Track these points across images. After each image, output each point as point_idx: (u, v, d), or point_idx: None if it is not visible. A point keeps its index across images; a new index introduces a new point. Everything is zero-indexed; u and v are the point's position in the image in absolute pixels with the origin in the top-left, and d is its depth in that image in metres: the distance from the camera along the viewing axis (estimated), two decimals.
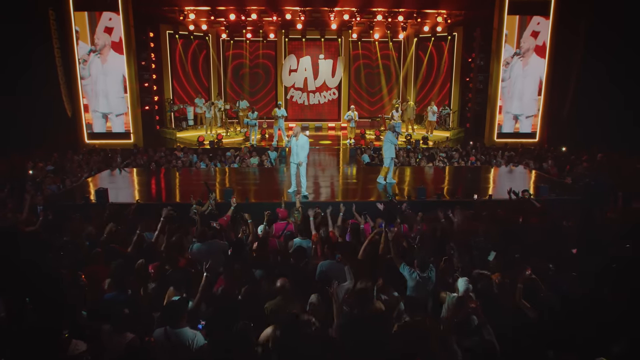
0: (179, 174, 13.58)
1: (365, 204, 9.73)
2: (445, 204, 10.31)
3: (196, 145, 18.02)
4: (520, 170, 14.09)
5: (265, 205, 10.22)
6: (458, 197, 10.69)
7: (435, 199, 10.62)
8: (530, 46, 17.69)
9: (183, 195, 11.27)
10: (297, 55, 21.94)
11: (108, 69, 17.04)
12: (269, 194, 11.40)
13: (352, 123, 18.28)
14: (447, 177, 13.44)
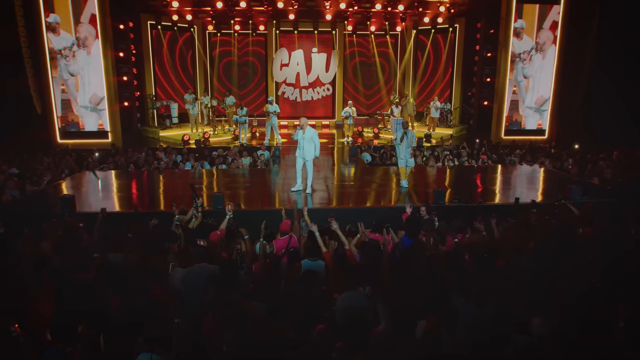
0: (161, 176, 11.96)
1: (381, 211, 8.26)
2: (472, 210, 8.96)
3: (181, 144, 16.38)
4: (538, 170, 12.75)
5: (260, 214, 8.72)
6: (480, 201, 9.26)
7: (456, 203, 9.19)
8: (549, 38, 16.38)
9: (163, 202, 9.67)
10: (288, 48, 20.40)
11: (93, 61, 15.30)
12: (263, 199, 9.86)
13: (349, 120, 16.84)
14: (461, 178, 12.01)
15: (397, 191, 10.35)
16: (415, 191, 10.45)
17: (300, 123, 9.30)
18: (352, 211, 8.84)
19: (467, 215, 8.96)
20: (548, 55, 16.47)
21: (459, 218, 7.28)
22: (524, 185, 11.18)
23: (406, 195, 9.96)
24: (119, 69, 16.28)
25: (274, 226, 7.82)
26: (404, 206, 8.11)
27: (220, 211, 8.58)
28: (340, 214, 8.39)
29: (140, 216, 8.42)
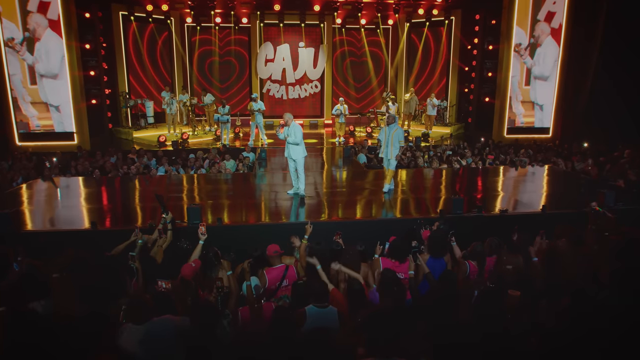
0: (129, 183, 10.24)
1: (386, 224, 6.73)
2: (496, 222, 7.53)
3: (156, 146, 14.63)
4: (552, 171, 11.40)
5: (246, 231, 7.15)
6: (503, 210, 7.80)
7: (475, 213, 7.72)
8: (543, 31, 15.11)
9: (130, 216, 7.99)
10: (273, 43, 18.79)
11: (50, 51, 13.45)
12: (248, 210, 8.24)
13: (341, 118, 15.31)
14: (472, 181, 10.55)
15: (403, 199, 8.84)
16: (423, 198, 8.95)
17: (285, 119, 8.06)
18: (350, 225, 7.32)
19: (489, 227, 7.58)
20: (548, 49, 15.20)
21: (493, 235, 5.76)
22: (544, 189, 9.79)
23: (410, 205, 8.46)
24: (85, 62, 14.43)
25: (262, 243, 6.31)
26: (418, 220, 6.64)
27: (197, 228, 6.98)
28: (336, 228, 6.91)
29: (97, 237, 6.78)
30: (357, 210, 8.14)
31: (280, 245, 5.66)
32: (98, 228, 6.93)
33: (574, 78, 15.38)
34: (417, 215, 7.73)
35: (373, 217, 7.76)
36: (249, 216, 7.92)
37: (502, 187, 9.97)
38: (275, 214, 7.83)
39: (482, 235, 7.26)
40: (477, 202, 8.21)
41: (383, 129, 8.78)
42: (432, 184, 10.30)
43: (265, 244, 6.24)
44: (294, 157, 8.26)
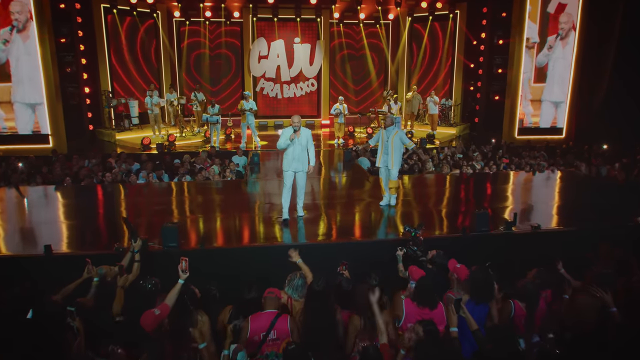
0: (103, 193, 8.95)
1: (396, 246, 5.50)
2: (527, 241, 6.35)
3: (140, 149, 13.34)
4: (575, 176, 10.23)
5: (233, 257, 5.90)
6: (535, 225, 6.59)
7: (502, 230, 6.51)
8: (554, 25, 13.96)
9: (95, 237, 6.70)
10: (267, 38, 17.53)
11: (31, 48, 12.13)
12: (239, 228, 6.97)
13: (340, 118, 14.08)
14: (491, 189, 9.32)
15: (415, 212, 7.63)
16: (439, 212, 7.73)
17: (294, 122, 6.56)
18: (355, 248, 6.12)
19: (520, 247, 6.38)
20: (561, 46, 14.05)
21: (541, 265, 4.57)
22: (573, 198, 8.57)
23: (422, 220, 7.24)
24: (61, 58, 13.08)
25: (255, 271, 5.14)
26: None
27: (173, 253, 5.72)
28: (337, 251, 5.70)
29: (51, 265, 5.53)
30: (361, 227, 6.89)
31: (278, 271, 4.53)
32: (53, 253, 5.66)
33: (588, 77, 14.22)
34: (439, 234, 6.50)
35: (384, 238, 6.50)
36: (237, 236, 6.65)
37: (525, 195, 8.76)
38: (271, 233, 6.56)
39: (510, 257, 6.12)
40: (502, 215, 7.00)
41: (378, 132, 7.43)
42: (446, 193, 9.07)
43: (259, 272, 5.09)
44: (301, 168, 6.66)
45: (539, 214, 7.53)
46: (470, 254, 6.21)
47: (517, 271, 5.69)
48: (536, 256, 6.22)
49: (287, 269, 5.02)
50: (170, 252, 5.76)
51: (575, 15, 13.88)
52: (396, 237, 6.33)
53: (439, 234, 6.51)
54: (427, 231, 6.69)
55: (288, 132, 6.57)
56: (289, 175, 6.69)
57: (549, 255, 5.91)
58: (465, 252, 6.26)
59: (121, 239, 6.10)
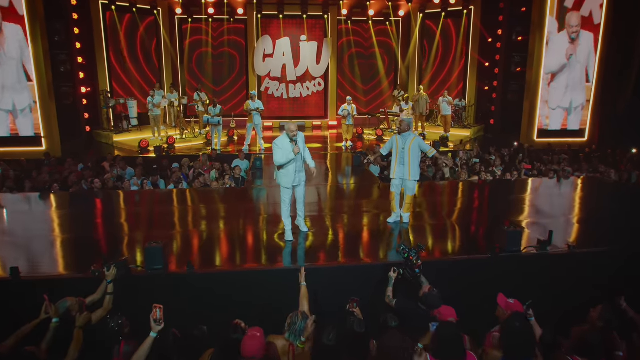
0: (91, 201, 8.18)
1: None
2: (564, 262, 5.51)
3: (138, 152, 12.60)
4: (605, 184, 9.32)
5: (225, 282, 5.11)
6: (571, 245, 5.72)
7: (536, 250, 5.64)
8: (573, 21, 13.03)
9: (72, 257, 5.91)
10: (272, 36, 16.73)
11: (6, 47, 11.43)
12: (235, 247, 6.15)
13: (348, 120, 13.26)
14: (516, 200, 8.40)
15: (435, 228, 6.78)
16: (462, 227, 6.88)
17: (292, 131, 5.66)
18: (364, 271, 5.30)
19: (558, 273, 5.53)
20: (583, 43, 13.11)
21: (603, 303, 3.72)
22: (610, 209, 7.65)
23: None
24: (54, 56, 12.36)
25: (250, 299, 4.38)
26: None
27: (158, 277, 4.95)
28: (343, 274, 4.90)
29: (20, 291, 4.78)
30: (370, 246, 6.04)
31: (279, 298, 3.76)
32: (21, 277, 4.89)
33: (613, 77, 13.27)
34: (465, 256, 5.65)
35: (395, 260, 5.66)
36: (232, 256, 5.83)
37: (553, 207, 7.85)
38: (272, 252, 5.74)
39: (546, 285, 5.29)
40: (531, 231, 6.13)
41: (391, 139, 6.42)
42: (465, 204, 8.19)
43: (257, 298, 4.32)
44: (303, 180, 5.91)
45: (572, 228, 6.65)
46: (499, 281, 5.37)
47: (560, 309, 4.90)
48: (580, 285, 5.45)
49: (288, 296, 4.22)
50: (154, 276, 4.99)
51: (595, 10, 12.94)
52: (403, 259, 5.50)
53: (458, 255, 5.64)
54: (445, 251, 5.86)
55: (285, 143, 5.61)
56: (288, 192, 5.82)
57: (600, 283, 5.13)
58: (491, 277, 5.44)
59: (101, 259, 5.32)
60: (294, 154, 5.60)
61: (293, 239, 5.89)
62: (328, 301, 4.79)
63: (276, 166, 5.77)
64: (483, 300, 5.28)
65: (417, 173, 6.31)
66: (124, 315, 3.76)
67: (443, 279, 5.31)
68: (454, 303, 5.30)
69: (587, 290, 5.11)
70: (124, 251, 5.70)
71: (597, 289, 4.90)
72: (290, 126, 5.70)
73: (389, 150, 6.51)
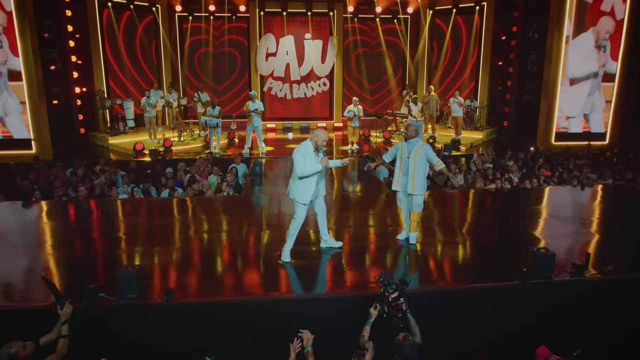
0: (70, 212, 7.48)
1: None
2: None
3: (133, 155, 11.92)
4: (636, 194, 8.48)
5: (214, 314, 4.38)
6: (610, 268, 4.93)
7: (570, 277, 4.86)
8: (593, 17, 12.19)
9: (37, 284, 5.19)
10: (276, 34, 16.00)
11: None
12: (224, 274, 5.40)
13: (354, 121, 12.50)
14: (539, 213, 7.58)
15: (450, 247, 6.01)
16: (483, 247, 6.10)
17: (322, 139, 5.01)
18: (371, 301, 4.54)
19: (601, 306, 4.74)
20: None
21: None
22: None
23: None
24: (44, 54, 11.69)
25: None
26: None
27: (132, 309, 4.24)
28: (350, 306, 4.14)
29: None
30: (376, 269, 5.28)
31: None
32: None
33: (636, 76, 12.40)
34: (485, 284, 4.86)
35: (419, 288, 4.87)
36: (219, 283, 5.06)
37: (584, 221, 6.98)
38: (270, 277, 4.98)
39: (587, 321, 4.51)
40: (561, 252, 5.35)
41: (396, 145, 5.65)
42: (482, 217, 7.38)
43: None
44: (323, 193, 5.27)
45: (609, 248, 5.83)
46: (527, 315, 4.60)
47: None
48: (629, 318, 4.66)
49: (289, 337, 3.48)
50: (127, 307, 4.26)
51: (618, 4, 12.08)
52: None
53: (476, 283, 4.85)
54: (459, 276, 5.07)
55: (310, 152, 4.94)
56: (304, 210, 5.11)
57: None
58: (518, 310, 4.67)
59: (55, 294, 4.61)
60: (321, 165, 4.92)
61: (290, 260, 5.16)
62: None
63: (294, 178, 5.05)
64: (510, 338, 4.54)
65: (422, 186, 5.49)
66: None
67: (458, 311, 4.56)
68: (473, 341, 4.52)
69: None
70: (98, 276, 4.99)
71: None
72: (321, 135, 5.00)
73: (392, 157, 5.73)
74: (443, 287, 4.83)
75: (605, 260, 5.10)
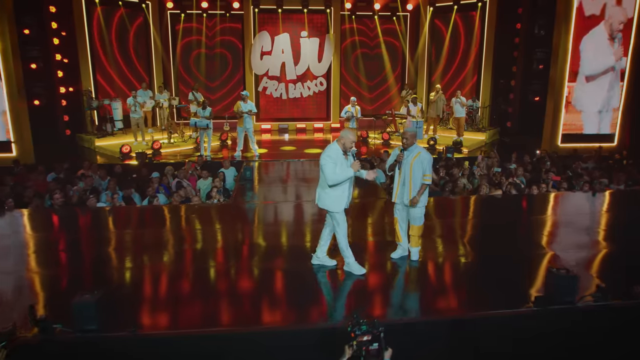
0: (38, 225, 6.86)
1: None
2: None
3: (119, 158, 11.31)
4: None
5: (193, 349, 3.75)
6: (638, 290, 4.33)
7: (593, 302, 4.26)
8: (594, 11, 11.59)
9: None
10: (271, 32, 15.39)
11: None
12: (211, 296, 4.79)
13: (352, 122, 11.93)
14: (551, 224, 6.98)
15: (454, 266, 5.41)
16: (479, 264, 5.50)
17: (350, 139, 4.61)
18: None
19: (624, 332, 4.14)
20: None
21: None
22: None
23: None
24: (25, 52, 11.06)
25: None
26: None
27: (88, 344, 3.63)
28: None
29: None
30: (379, 297, 4.68)
31: None
32: None
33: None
34: (497, 310, 4.24)
35: (424, 317, 4.26)
36: (199, 313, 4.45)
37: (604, 233, 6.37)
38: (272, 305, 4.37)
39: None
40: (581, 271, 4.75)
41: (394, 152, 5.02)
42: (491, 228, 6.74)
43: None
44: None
45: (634, 265, 5.23)
46: (546, 345, 3.99)
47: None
48: None
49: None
50: (86, 342, 3.65)
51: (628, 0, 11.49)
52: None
53: (486, 310, 4.23)
54: (466, 301, 4.45)
55: (339, 156, 4.51)
56: (344, 215, 4.74)
57: None
58: (536, 339, 4.07)
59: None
60: (352, 170, 4.48)
61: (364, 272, 4.81)
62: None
63: (324, 186, 4.59)
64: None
65: (422, 198, 4.91)
66: None
67: (465, 344, 3.96)
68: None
69: None
70: (55, 302, 4.36)
71: None
72: (349, 136, 4.55)
73: (393, 162, 5.06)
74: (446, 314, 4.22)
75: (631, 279, 4.50)
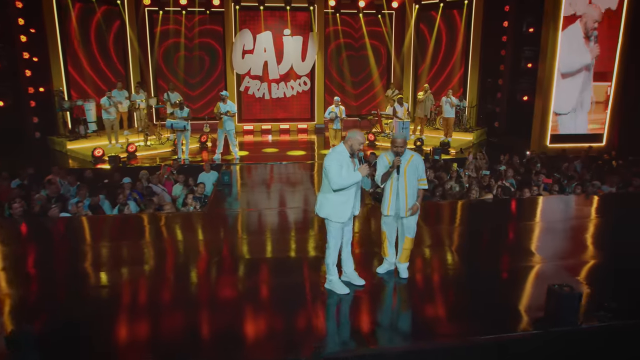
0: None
1: None
2: None
3: (91, 162, 10.67)
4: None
5: None
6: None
7: (598, 322, 3.85)
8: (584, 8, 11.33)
9: None
10: (253, 30, 14.86)
11: None
12: (172, 330, 4.28)
13: (336, 123, 11.48)
14: (548, 232, 6.60)
15: (445, 283, 4.98)
16: (479, 277, 5.08)
17: (358, 140, 4.07)
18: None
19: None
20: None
21: None
22: None
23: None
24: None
25: None
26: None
27: None
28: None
29: None
30: (372, 324, 4.21)
31: None
32: None
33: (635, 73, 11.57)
34: (495, 334, 3.80)
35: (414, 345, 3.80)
36: (162, 344, 3.93)
37: (606, 243, 5.99)
38: (257, 330, 3.87)
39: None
40: (582, 287, 4.35)
41: (381, 158, 4.47)
42: (485, 237, 6.32)
43: None
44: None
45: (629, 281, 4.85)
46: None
47: None
48: None
49: None
50: None
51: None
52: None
53: (482, 335, 3.79)
54: (460, 323, 4.00)
55: (346, 159, 4.03)
56: (341, 229, 4.20)
57: None
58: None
59: None
60: (360, 174, 3.99)
61: (349, 291, 4.31)
62: None
63: (326, 191, 4.11)
64: None
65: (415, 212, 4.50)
66: None
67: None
68: None
69: None
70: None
71: None
72: (357, 137, 4.03)
73: (384, 170, 4.49)
74: (442, 343, 3.76)
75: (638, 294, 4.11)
